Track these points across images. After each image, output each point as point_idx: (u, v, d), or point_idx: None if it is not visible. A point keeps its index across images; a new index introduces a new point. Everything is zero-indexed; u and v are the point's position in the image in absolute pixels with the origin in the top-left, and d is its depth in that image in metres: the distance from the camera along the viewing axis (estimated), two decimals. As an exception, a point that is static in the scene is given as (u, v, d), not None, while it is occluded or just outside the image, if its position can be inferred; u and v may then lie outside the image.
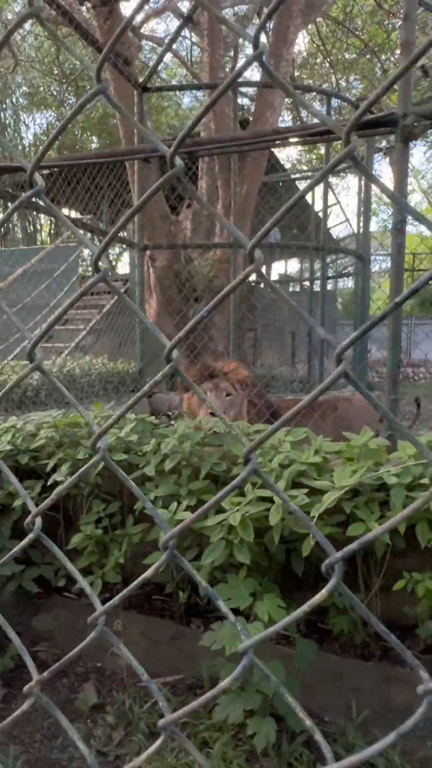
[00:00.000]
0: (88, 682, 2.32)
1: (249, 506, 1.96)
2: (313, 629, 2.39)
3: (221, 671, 2.08)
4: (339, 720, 2.02)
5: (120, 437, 2.38)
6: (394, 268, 2.44)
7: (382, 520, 1.87)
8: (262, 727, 1.76)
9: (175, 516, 2.08)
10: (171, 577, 2.42)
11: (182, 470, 2.28)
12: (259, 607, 1.82)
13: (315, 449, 2.15)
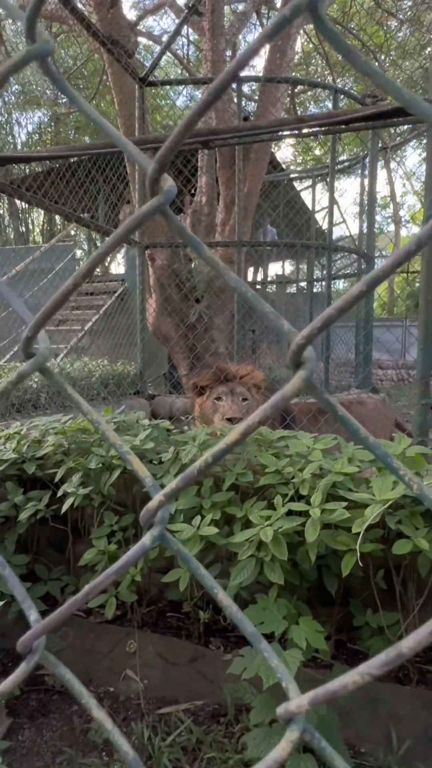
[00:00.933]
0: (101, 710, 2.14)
1: (281, 521, 1.80)
2: (342, 650, 2.24)
3: (247, 697, 1.92)
4: (377, 751, 1.87)
5: (135, 445, 2.21)
6: (426, 263, 2.30)
7: (430, 536, 1.72)
8: (302, 765, 1.60)
9: (199, 531, 1.92)
10: (189, 595, 2.26)
11: (203, 481, 2.12)
12: (296, 632, 1.67)
13: (348, 458, 2.00)
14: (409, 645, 0.31)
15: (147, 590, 2.49)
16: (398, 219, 27.90)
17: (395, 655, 0.31)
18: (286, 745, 0.35)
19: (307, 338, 0.37)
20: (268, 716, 1.71)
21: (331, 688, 0.33)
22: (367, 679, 0.32)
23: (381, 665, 0.32)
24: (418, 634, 0.31)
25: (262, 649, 0.40)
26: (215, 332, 6.62)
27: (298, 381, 0.38)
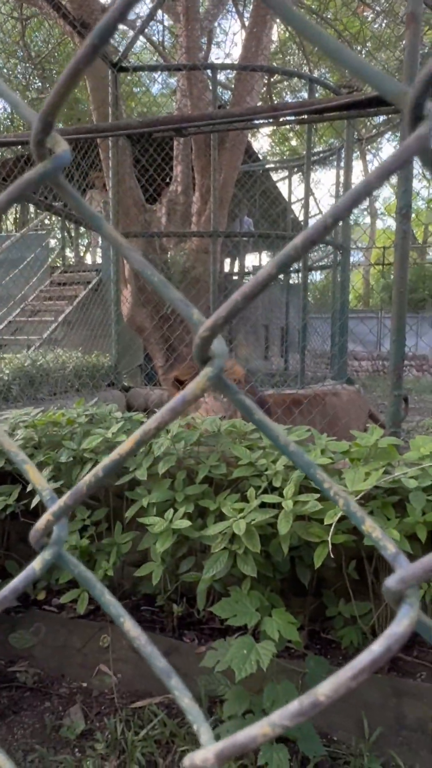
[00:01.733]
0: (74, 705, 2.12)
1: (254, 513, 1.80)
2: (315, 640, 2.25)
3: (221, 689, 1.92)
4: (350, 739, 1.89)
5: (107, 438, 2.18)
6: (399, 255, 2.30)
7: (400, 527, 1.73)
8: (274, 757, 1.60)
9: (172, 524, 1.90)
10: (163, 589, 2.24)
11: (176, 473, 2.10)
12: (268, 624, 1.66)
13: (321, 449, 2.00)
14: (325, 692, 0.30)
15: (120, 584, 2.47)
16: (374, 211, 28.10)
17: (309, 704, 0.29)
18: None
19: (211, 329, 0.34)
20: (241, 708, 1.71)
21: (240, 742, 0.31)
22: (278, 731, 0.30)
23: (295, 715, 0.30)
24: (337, 681, 0.30)
25: (172, 686, 0.37)
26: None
27: (203, 380, 0.35)
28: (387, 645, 0.29)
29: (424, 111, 0.28)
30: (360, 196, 0.29)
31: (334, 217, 0.30)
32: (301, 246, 0.30)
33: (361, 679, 0.29)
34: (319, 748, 1.71)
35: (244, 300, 0.32)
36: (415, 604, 0.30)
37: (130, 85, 12.47)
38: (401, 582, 0.31)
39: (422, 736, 1.84)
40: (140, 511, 2.08)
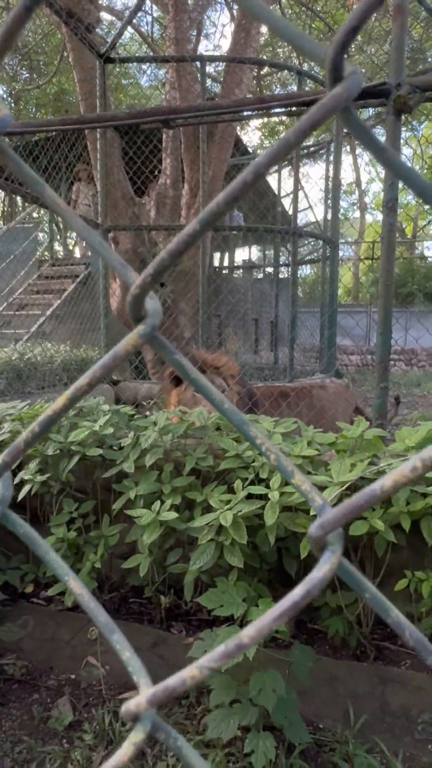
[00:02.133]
0: (62, 697, 2.13)
1: (241, 504, 1.81)
2: (302, 629, 2.27)
3: (208, 679, 1.93)
4: (335, 727, 1.91)
5: (94, 430, 2.17)
6: (385, 248, 2.31)
7: (385, 517, 1.75)
8: (260, 744, 1.62)
9: (159, 516, 1.90)
10: (151, 581, 2.25)
11: (164, 466, 2.11)
12: (255, 614, 1.68)
13: (307, 441, 2.01)
14: (249, 634, 0.30)
15: (108, 577, 2.48)
16: (363, 205, 28.17)
17: (234, 646, 0.30)
18: (129, 748, 0.33)
19: (141, 287, 0.34)
20: (228, 697, 1.73)
21: (171, 685, 0.32)
22: (206, 672, 0.31)
23: (221, 657, 0.30)
24: (260, 622, 0.30)
25: (114, 641, 0.38)
26: (180, 317, 6.56)
27: (134, 336, 0.35)
28: (307, 589, 0.30)
29: (342, 72, 0.29)
30: (279, 153, 0.29)
31: (254, 174, 0.30)
32: (224, 202, 0.31)
33: (281, 621, 0.30)
34: (305, 735, 1.73)
35: (171, 257, 0.33)
36: (338, 551, 0.31)
37: (118, 76, 12.38)
38: (320, 528, 0.32)
39: (406, 722, 1.86)
40: (127, 504, 2.09)
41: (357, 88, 0.28)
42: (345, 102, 0.28)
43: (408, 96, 2.19)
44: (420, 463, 0.30)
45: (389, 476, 0.30)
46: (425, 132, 19.31)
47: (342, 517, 0.31)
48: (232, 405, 0.38)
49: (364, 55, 11.90)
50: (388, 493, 0.30)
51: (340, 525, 0.31)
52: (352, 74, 0.28)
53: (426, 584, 1.75)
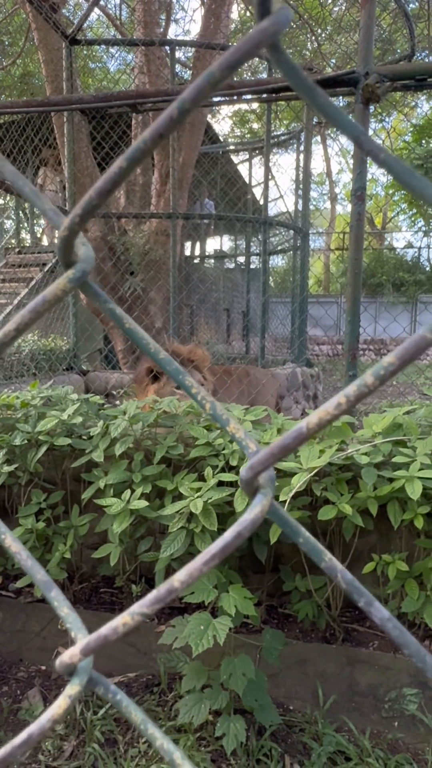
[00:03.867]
0: (32, 688, 2.11)
1: (211, 492, 1.81)
2: (273, 615, 2.30)
3: (180, 666, 1.94)
4: (305, 708, 1.95)
5: (62, 420, 2.14)
6: (354, 237, 2.33)
7: (353, 502, 1.78)
8: (231, 727, 1.64)
9: (129, 505, 1.89)
10: (122, 570, 2.24)
11: (134, 455, 2.09)
12: (225, 600, 1.69)
13: (277, 428, 2.02)
14: (180, 578, 0.31)
15: (78, 567, 2.46)
16: (334, 196, 28.35)
17: (166, 590, 0.30)
18: (64, 701, 0.33)
19: (69, 228, 0.33)
20: (199, 682, 1.74)
21: (103, 633, 0.32)
22: (138, 618, 0.31)
23: (152, 603, 0.31)
24: (191, 566, 0.31)
25: (52, 597, 0.38)
26: (150, 306, 6.51)
27: (63, 281, 0.35)
28: (237, 531, 0.30)
29: (269, 6, 0.28)
30: (204, 87, 0.29)
31: (179, 109, 0.29)
32: (150, 139, 0.30)
33: (212, 564, 0.30)
34: (275, 717, 1.76)
35: (99, 196, 0.32)
36: (269, 494, 0.32)
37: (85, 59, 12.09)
38: (250, 469, 0.32)
39: (373, 700, 1.91)
40: (97, 493, 2.07)
41: (284, 22, 0.28)
42: (272, 36, 0.28)
43: (376, 85, 2.20)
44: (344, 399, 0.30)
45: (314, 414, 0.30)
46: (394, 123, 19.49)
47: (270, 457, 0.31)
48: (167, 355, 0.38)
49: (334, 45, 11.91)
50: (313, 430, 0.30)
51: (268, 465, 0.32)
52: (281, 9, 0.28)
53: (392, 567, 1.79)
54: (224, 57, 0.28)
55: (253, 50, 0.27)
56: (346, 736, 1.82)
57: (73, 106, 2.54)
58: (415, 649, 0.32)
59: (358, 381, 0.30)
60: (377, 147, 0.30)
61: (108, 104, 2.64)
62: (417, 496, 1.63)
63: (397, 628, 0.33)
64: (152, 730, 0.33)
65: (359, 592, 0.33)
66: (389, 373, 0.29)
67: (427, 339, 0.28)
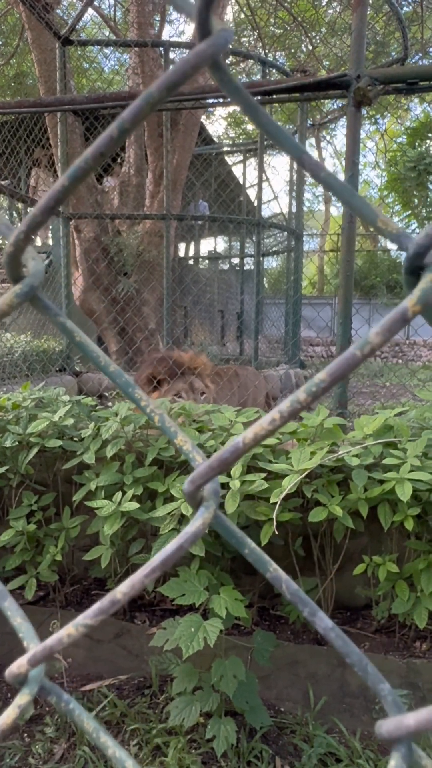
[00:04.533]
0: (22, 691, 2.10)
1: (202, 494, 1.81)
2: (264, 616, 2.30)
3: (171, 668, 1.94)
4: (296, 709, 1.95)
5: (54, 422, 2.13)
6: (345, 239, 2.34)
7: (344, 504, 1.78)
8: (222, 729, 1.64)
9: (120, 507, 1.89)
10: (113, 572, 2.23)
11: (125, 456, 2.09)
12: (216, 602, 1.69)
13: (269, 430, 2.02)
14: (123, 590, 0.32)
15: (70, 569, 2.45)
16: (328, 198, 28.42)
17: (109, 602, 0.31)
18: (12, 711, 0.34)
19: (14, 245, 0.33)
20: (190, 685, 1.74)
21: (48, 644, 0.32)
22: (82, 630, 0.31)
23: (95, 614, 0.31)
24: (133, 578, 0.31)
25: (5, 607, 0.38)
26: (145, 308, 6.50)
27: (10, 296, 0.35)
28: (179, 544, 0.31)
29: (209, 28, 0.29)
30: (143, 108, 0.29)
31: (119, 128, 0.30)
32: (91, 158, 0.31)
33: (153, 576, 0.31)
34: (266, 719, 1.76)
35: (42, 213, 0.32)
36: (212, 506, 0.33)
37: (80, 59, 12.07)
38: (191, 483, 0.33)
39: (364, 701, 1.92)
40: (88, 495, 2.06)
41: (223, 44, 0.28)
42: (210, 58, 0.28)
43: (368, 88, 2.21)
44: (278, 415, 0.31)
45: (250, 429, 0.32)
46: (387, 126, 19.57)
47: (210, 470, 0.32)
48: (117, 368, 0.39)
49: (328, 48, 11.95)
50: (249, 445, 0.31)
51: (208, 478, 0.32)
52: (220, 31, 0.28)
53: (382, 568, 1.80)
54: (163, 78, 0.28)
55: (191, 71, 0.28)
56: (336, 738, 1.82)
57: (66, 106, 2.54)
58: (357, 659, 0.33)
59: (291, 397, 0.31)
60: (317, 165, 0.31)
61: (101, 105, 2.64)
62: (407, 497, 1.63)
63: (339, 637, 0.33)
64: (104, 738, 0.33)
65: (303, 602, 0.34)
66: (321, 389, 0.30)
67: (357, 357, 0.29)
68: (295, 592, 0.34)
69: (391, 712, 0.32)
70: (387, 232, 0.30)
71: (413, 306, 0.29)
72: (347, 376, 0.29)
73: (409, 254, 0.30)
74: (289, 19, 11.58)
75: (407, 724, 0.28)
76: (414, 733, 0.28)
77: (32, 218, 0.32)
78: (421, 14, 8.84)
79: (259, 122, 0.31)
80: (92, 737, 0.33)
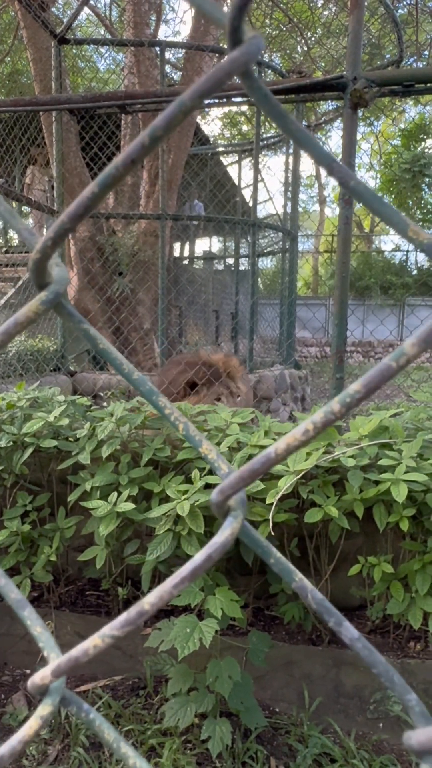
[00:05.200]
0: (17, 692, 2.09)
1: (198, 494, 1.81)
2: (259, 617, 2.30)
3: (166, 669, 1.94)
4: (291, 710, 1.96)
5: (49, 422, 2.13)
6: (342, 240, 2.34)
7: (339, 504, 1.79)
8: (217, 730, 1.64)
9: (116, 507, 1.88)
10: (108, 573, 2.23)
11: (121, 457, 2.09)
12: (211, 603, 1.69)
13: (264, 430, 2.03)
14: (151, 601, 0.31)
15: (64, 570, 2.44)
16: (323, 199, 28.48)
17: (136, 612, 0.31)
18: (35, 722, 0.33)
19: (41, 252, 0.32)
20: (185, 685, 1.74)
21: (74, 655, 0.32)
22: (108, 641, 0.31)
23: (122, 625, 0.31)
24: (161, 589, 0.31)
25: (25, 616, 0.38)
26: (140, 307, 6.49)
27: (36, 303, 0.35)
28: (208, 554, 0.31)
29: (241, 36, 0.29)
30: (175, 116, 0.29)
31: (151, 136, 0.30)
32: (122, 165, 0.30)
33: (182, 587, 0.30)
34: (261, 719, 1.76)
35: (71, 220, 0.32)
36: (239, 516, 0.32)
37: (75, 58, 12.03)
38: (220, 493, 0.32)
39: (358, 702, 1.92)
40: (84, 495, 2.06)
41: (255, 52, 0.28)
42: (243, 65, 0.28)
43: (364, 90, 2.22)
44: (311, 426, 0.31)
45: (282, 440, 0.31)
46: (382, 128, 19.65)
47: (240, 481, 0.32)
48: (141, 375, 0.39)
49: (324, 49, 11.97)
50: (281, 456, 0.31)
51: (238, 489, 0.32)
52: (252, 38, 0.28)
53: (377, 569, 1.80)
54: (196, 86, 0.28)
55: (225, 79, 0.28)
56: (331, 738, 1.83)
57: (62, 106, 2.54)
58: (383, 669, 0.33)
59: (325, 408, 0.31)
60: (348, 174, 0.31)
61: (97, 105, 2.64)
62: (402, 498, 1.64)
63: (366, 648, 0.33)
64: (125, 749, 0.33)
65: (329, 612, 0.34)
66: (356, 400, 0.30)
67: (392, 368, 0.29)
68: (321, 601, 0.34)
69: (419, 723, 0.32)
70: (418, 242, 0.30)
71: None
72: (381, 387, 0.29)
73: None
74: (285, 21, 11.60)
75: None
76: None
77: (60, 225, 0.32)
78: (416, 17, 8.87)
79: (288, 129, 0.31)
80: (112, 747, 0.33)
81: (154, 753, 1.76)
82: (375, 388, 0.29)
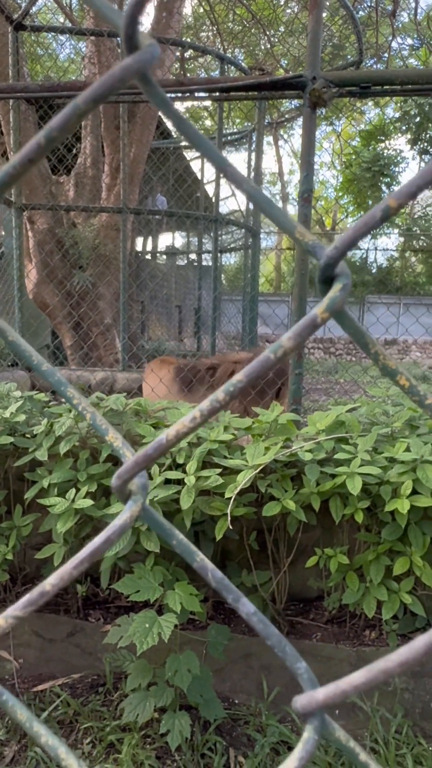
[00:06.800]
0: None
1: (157, 489, 1.81)
2: (219, 610, 2.32)
3: (126, 665, 1.94)
4: (250, 701, 1.98)
5: (5, 418, 2.08)
6: (301, 239, 2.37)
7: (297, 498, 1.82)
8: (176, 724, 1.65)
9: (75, 504, 1.86)
10: (67, 570, 2.20)
11: (79, 453, 2.06)
12: (171, 597, 1.69)
13: (224, 426, 2.04)
14: (52, 582, 0.33)
15: (22, 569, 2.40)
16: (285, 196, 28.74)
17: (38, 593, 0.34)
18: None
19: None
20: (144, 680, 1.74)
21: None
22: (11, 621, 0.33)
23: (25, 606, 0.34)
24: (62, 570, 0.34)
25: None
26: (100, 302, 6.40)
27: None
28: (107, 536, 0.33)
29: (136, 43, 0.30)
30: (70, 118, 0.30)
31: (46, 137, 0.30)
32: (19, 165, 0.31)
33: (81, 568, 0.32)
34: (220, 711, 1.78)
35: None
36: (139, 500, 0.35)
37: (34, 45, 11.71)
38: (117, 478, 0.34)
39: (315, 690, 1.96)
40: (41, 493, 2.02)
41: (148, 59, 0.29)
42: (136, 72, 0.29)
43: (323, 90, 2.25)
44: (198, 414, 0.33)
45: (173, 427, 0.33)
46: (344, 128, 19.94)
47: (135, 466, 0.34)
48: (50, 366, 0.39)
49: (285, 47, 12.05)
50: (172, 442, 0.33)
51: (134, 473, 0.34)
52: (148, 46, 0.29)
53: (333, 560, 1.85)
54: (89, 90, 0.29)
55: (117, 85, 0.28)
56: (289, 726, 1.86)
57: (19, 94, 2.47)
58: (276, 641, 0.35)
59: (211, 397, 0.33)
60: (241, 178, 0.32)
61: (55, 94, 2.58)
62: (357, 491, 1.68)
63: (261, 621, 0.35)
64: (37, 728, 0.34)
65: (228, 590, 0.36)
66: (238, 389, 0.32)
67: (270, 360, 0.31)
68: (220, 580, 0.36)
69: (306, 688, 0.34)
70: (303, 243, 0.32)
71: (322, 313, 0.31)
72: (263, 376, 0.32)
73: (321, 265, 0.32)
74: (248, 16, 11.61)
75: (317, 698, 0.30)
76: (323, 705, 0.30)
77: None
78: (375, 19, 9.03)
79: (186, 133, 0.32)
80: (25, 727, 0.34)
81: (113, 749, 1.76)
82: (256, 378, 0.31)
